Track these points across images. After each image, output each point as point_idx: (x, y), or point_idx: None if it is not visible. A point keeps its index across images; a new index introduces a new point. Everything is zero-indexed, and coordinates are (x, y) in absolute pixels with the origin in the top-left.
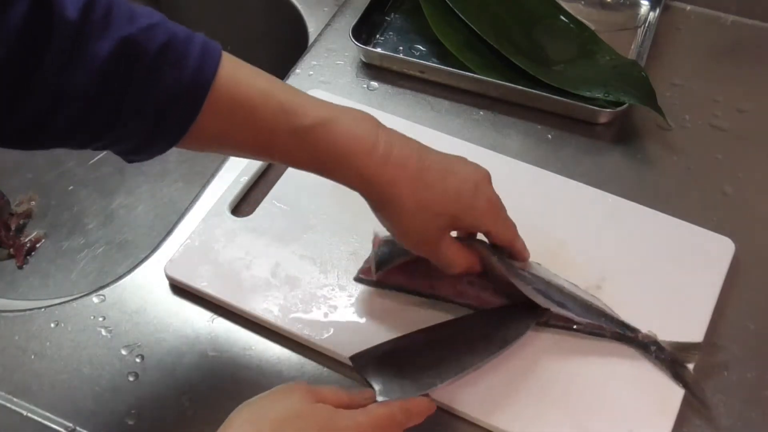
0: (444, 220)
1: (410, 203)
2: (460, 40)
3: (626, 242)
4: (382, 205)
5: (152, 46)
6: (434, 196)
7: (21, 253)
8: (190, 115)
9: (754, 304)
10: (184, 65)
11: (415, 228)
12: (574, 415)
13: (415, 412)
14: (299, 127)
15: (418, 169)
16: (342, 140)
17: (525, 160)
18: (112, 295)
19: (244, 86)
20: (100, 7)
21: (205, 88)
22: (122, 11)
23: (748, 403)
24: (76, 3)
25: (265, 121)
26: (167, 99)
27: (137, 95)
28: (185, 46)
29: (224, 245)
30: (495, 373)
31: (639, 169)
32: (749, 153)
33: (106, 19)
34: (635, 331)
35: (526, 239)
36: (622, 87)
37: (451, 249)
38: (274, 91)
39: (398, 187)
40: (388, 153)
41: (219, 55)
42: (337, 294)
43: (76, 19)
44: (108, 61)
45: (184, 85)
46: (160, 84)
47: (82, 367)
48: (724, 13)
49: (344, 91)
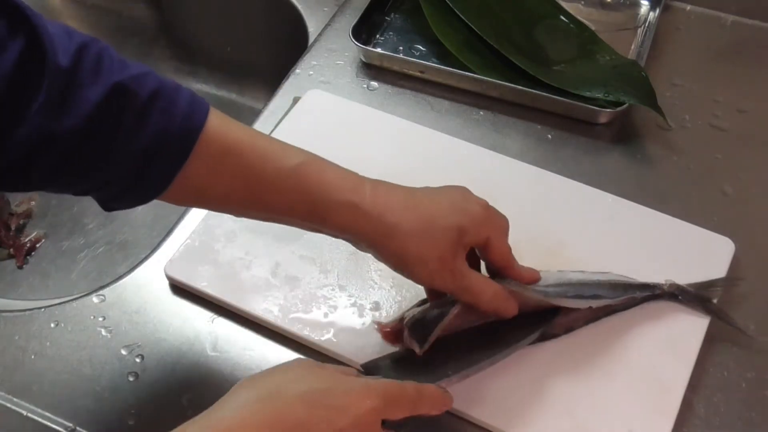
0: (452, 233)
1: (414, 225)
2: (460, 40)
3: (626, 242)
4: (384, 238)
5: (143, 92)
6: (432, 213)
7: (21, 253)
8: (178, 161)
9: (753, 304)
10: (175, 112)
11: (428, 251)
12: (574, 414)
13: (427, 395)
14: (287, 167)
15: (406, 194)
16: (330, 175)
17: (525, 160)
18: (112, 295)
19: (233, 133)
20: (91, 55)
21: (196, 133)
22: (113, 60)
23: (748, 403)
24: (67, 50)
25: (253, 165)
26: (156, 144)
27: (126, 139)
28: (175, 94)
29: (224, 245)
30: (495, 373)
31: (639, 169)
32: (749, 153)
33: (98, 66)
34: (659, 287)
35: (526, 239)
36: (622, 87)
37: (472, 272)
38: (260, 137)
39: (395, 213)
40: (375, 185)
41: (207, 105)
42: (337, 294)
43: (68, 66)
44: (98, 106)
45: (174, 131)
46: (150, 129)
47: (82, 367)
48: (724, 13)
49: (344, 91)
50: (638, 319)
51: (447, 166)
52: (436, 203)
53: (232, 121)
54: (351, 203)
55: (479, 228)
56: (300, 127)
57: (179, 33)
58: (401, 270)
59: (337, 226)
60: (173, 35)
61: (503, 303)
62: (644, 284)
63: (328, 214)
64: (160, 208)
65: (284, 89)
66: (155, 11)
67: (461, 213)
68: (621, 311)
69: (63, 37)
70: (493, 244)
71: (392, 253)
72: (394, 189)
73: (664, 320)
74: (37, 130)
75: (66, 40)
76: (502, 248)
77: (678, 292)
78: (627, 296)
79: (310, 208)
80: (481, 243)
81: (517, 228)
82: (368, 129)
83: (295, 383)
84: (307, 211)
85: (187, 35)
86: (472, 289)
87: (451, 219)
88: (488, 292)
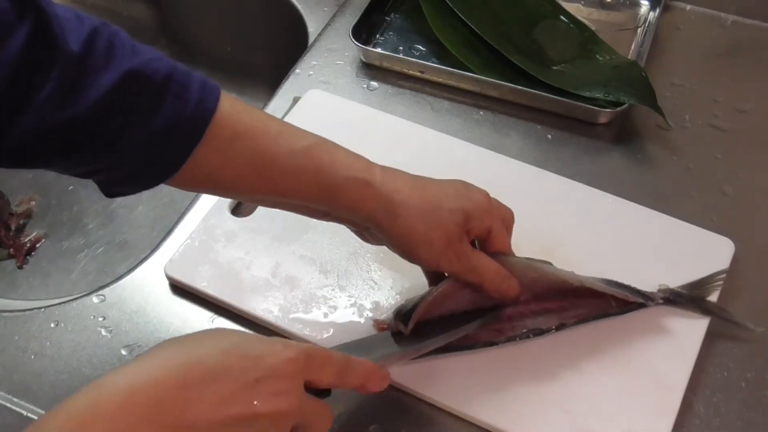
0: (459, 215)
1: (422, 206)
2: (460, 40)
3: (626, 242)
4: (393, 217)
5: (156, 77)
6: (439, 195)
7: (21, 253)
8: (189, 145)
9: (753, 304)
10: (187, 97)
11: (434, 231)
12: (574, 414)
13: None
14: (299, 148)
15: (413, 178)
16: (341, 155)
17: (525, 160)
18: (112, 295)
19: (245, 116)
20: (103, 40)
21: (208, 117)
22: (125, 45)
23: (748, 403)
24: (78, 36)
25: (265, 147)
26: (169, 129)
27: (139, 124)
28: (187, 79)
29: (224, 245)
30: (495, 373)
31: (639, 169)
32: (749, 153)
33: (110, 52)
34: (653, 297)
35: (526, 239)
36: (622, 87)
37: (477, 252)
38: (272, 120)
39: (404, 193)
40: (384, 168)
41: (218, 89)
42: (337, 294)
43: (79, 51)
44: (111, 92)
45: (186, 115)
46: (163, 114)
47: (82, 367)
48: (724, 13)
49: (344, 91)
50: (638, 319)
51: (447, 166)
52: (442, 188)
53: (244, 105)
54: (362, 180)
55: (483, 216)
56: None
57: (179, 33)
58: (407, 251)
59: (347, 205)
60: (173, 35)
61: (506, 281)
62: (638, 290)
63: (339, 191)
64: (161, 208)
65: (284, 89)
66: (155, 11)
67: (466, 198)
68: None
69: (74, 21)
70: (495, 236)
71: (399, 233)
72: (402, 173)
73: (663, 320)
74: (47, 116)
75: (77, 25)
76: (504, 241)
77: (673, 297)
78: (620, 290)
79: (322, 186)
80: (484, 232)
81: (517, 228)
82: (368, 129)
83: (214, 338)
84: (318, 190)
85: (187, 35)
86: (477, 269)
87: (457, 202)
88: (492, 270)
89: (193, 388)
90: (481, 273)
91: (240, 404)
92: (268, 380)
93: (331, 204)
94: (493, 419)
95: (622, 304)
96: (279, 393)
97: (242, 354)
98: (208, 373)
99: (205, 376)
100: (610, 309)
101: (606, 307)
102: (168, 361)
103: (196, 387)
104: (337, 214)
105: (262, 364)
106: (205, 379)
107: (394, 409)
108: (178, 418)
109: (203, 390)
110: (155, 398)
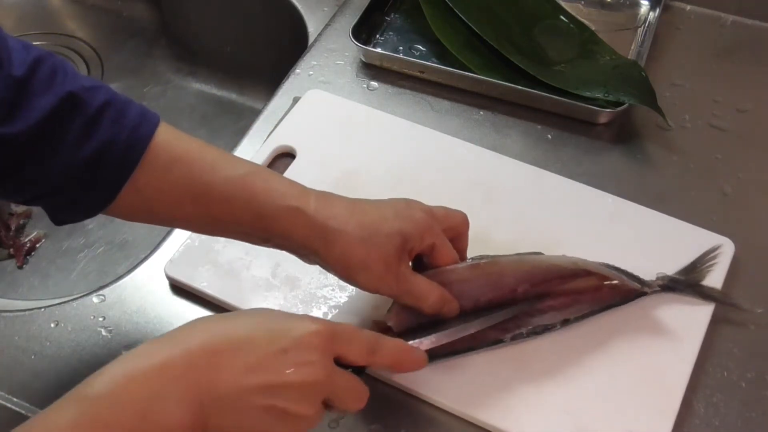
0: (396, 239)
1: (358, 231)
2: (460, 40)
3: (626, 242)
4: (329, 244)
5: (94, 102)
6: (376, 219)
7: (21, 253)
8: (126, 171)
9: (754, 303)
10: (124, 123)
11: (372, 256)
12: (574, 414)
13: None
14: (235, 175)
15: (350, 203)
16: (276, 183)
17: (525, 160)
18: (112, 295)
19: (182, 144)
20: (46, 66)
21: (144, 142)
22: (67, 73)
23: (748, 403)
24: (23, 62)
25: (201, 175)
26: (103, 152)
27: (74, 146)
28: (125, 106)
29: (224, 245)
30: (495, 373)
31: (639, 169)
32: (749, 153)
33: (51, 78)
34: (651, 285)
35: (526, 239)
36: (622, 87)
37: (416, 276)
38: (209, 149)
39: (340, 219)
40: (320, 194)
41: (158, 117)
42: (337, 294)
43: (22, 75)
44: (49, 113)
45: (122, 140)
46: (98, 137)
47: (83, 367)
48: (724, 13)
49: (344, 91)
50: (637, 318)
51: (447, 166)
52: (380, 211)
53: (182, 134)
54: (296, 209)
55: (423, 234)
56: (300, 127)
57: (179, 33)
58: (346, 276)
59: (282, 233)
60: (173, 35)
61: (446, 305)
62: (634, 275)
63: (273, 220)
64: None
65: (284, 89)
66: (155, 11)
67: (404, 219)
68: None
69: (20, 51)
70: (439, 251)
71: (336, 259)
72: (339, 198)
73: (664, 320)
74: None
75: (23, 54)
76: (447, 254)
77: (670, 283)
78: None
79: (255, 214)
80: (426, 249)
81: (517, 228)
82: (368, 129)
83: (244, 314)
84: (252, 218)
85: (187, 35)
86: (414, 292)
87: (395, 225)
88: (432, 295)
89: (223, 354)
90: (420, 297)
91: (268, 373)
92: (294, 351)
93: (266, 232)
94: (494, 419)
95: (621, 293)
96: (306, 363)
97: (269, 327)
98: (236, 342)
99: (233, 345)
100: (611, 300)
101: (607, 298)
102: (199, 333)
103: (225, 354)
104: (275, 242)
105: (289, 335)
106: (233, 348)
107: (395, 409)
108: (209, 385)
109: (232, 358)
110: (187, 363)
